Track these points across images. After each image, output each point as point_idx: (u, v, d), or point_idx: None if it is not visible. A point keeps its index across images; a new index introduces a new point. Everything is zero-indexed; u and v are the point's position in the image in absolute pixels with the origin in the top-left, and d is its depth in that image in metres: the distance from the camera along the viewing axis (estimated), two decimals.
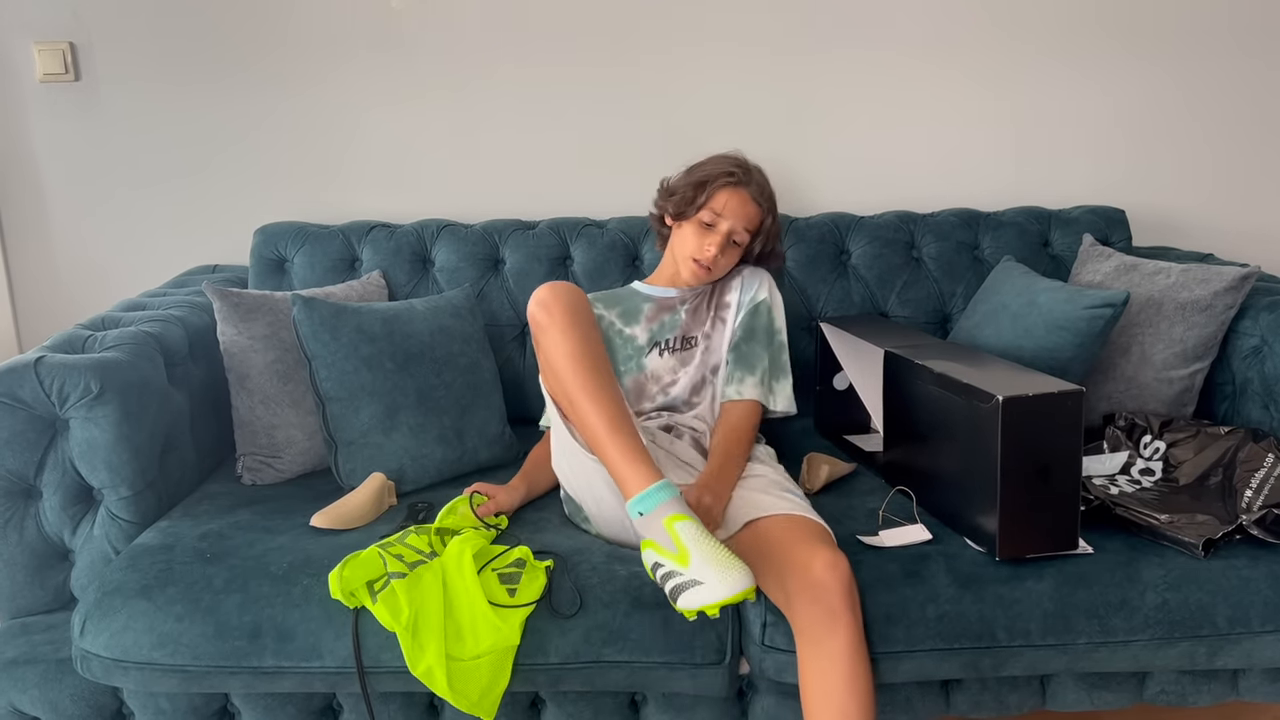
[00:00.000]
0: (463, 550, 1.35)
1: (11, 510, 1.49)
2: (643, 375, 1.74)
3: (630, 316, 1.79)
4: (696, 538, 1.22)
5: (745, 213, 1.73)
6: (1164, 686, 1.49)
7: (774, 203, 1.79)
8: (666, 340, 1.76)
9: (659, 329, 1.77)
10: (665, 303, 1.80)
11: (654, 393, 1.73)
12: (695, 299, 1.79)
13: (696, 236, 1.73)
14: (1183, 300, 1.78)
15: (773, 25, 2.17)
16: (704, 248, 1.71)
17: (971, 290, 2.04)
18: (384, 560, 1.35)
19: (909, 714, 1.47)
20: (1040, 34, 2.20)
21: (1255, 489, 1.54)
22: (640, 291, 1.83)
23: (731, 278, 1.81)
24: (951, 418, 1.45)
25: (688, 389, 1.73)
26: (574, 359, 1.36)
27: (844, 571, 1.28)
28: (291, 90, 2.16)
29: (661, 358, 1.74)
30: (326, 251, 2.01)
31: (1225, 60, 2.22)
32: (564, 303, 1.39)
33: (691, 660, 1.35)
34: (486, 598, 1.31)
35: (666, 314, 1.78)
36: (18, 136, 2.15)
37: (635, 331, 1.77)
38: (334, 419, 1.67)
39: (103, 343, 1.59)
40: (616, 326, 1.78)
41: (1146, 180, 2.28)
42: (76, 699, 1.43)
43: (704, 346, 1.75)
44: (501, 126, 2.19)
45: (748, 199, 1.74)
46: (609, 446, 1.32)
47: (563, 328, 1.37)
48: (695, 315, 1.78)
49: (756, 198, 1.74)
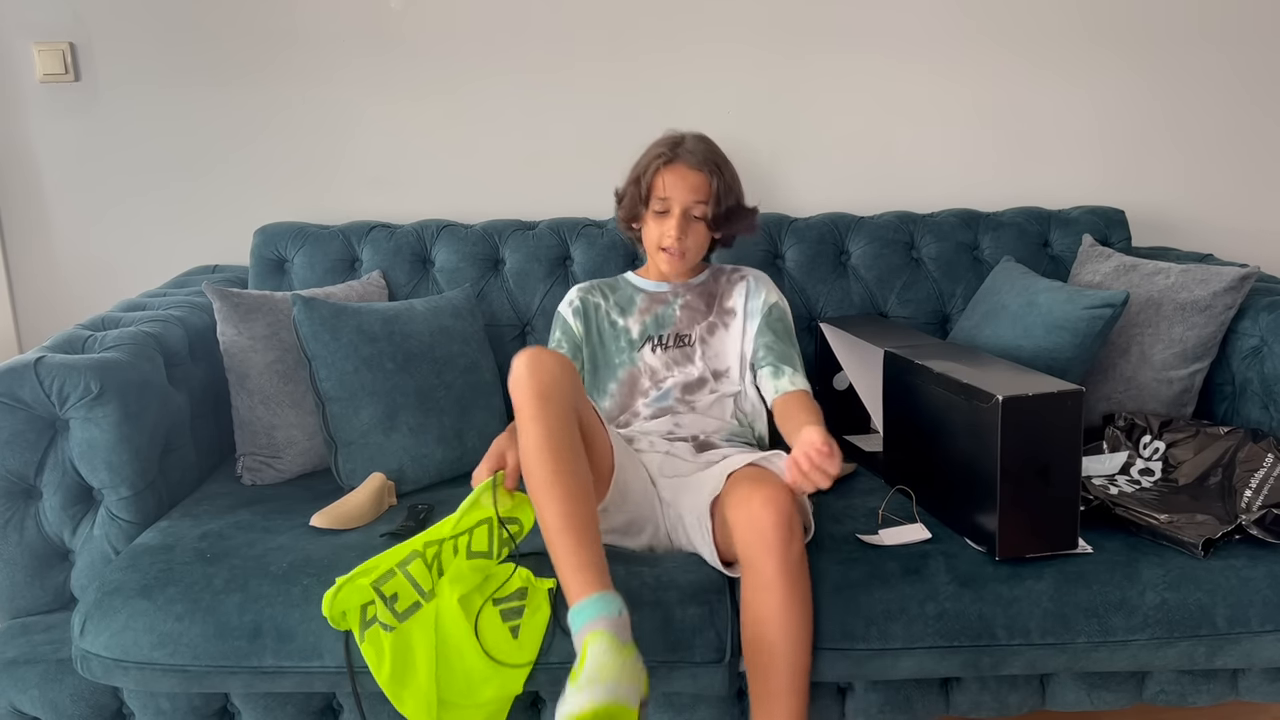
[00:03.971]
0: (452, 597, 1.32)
1: (11, 510, 1.49)
2: (635, 369, 1.75)
3: (625, 307, 1.80)
4: (599, 654, 1.17)
5: (688, 185, 1.70)
6: (1163, 686, 1.49)
7: (718, 162, 1.73)
8: (660, 336, 1.77)
9: (652, 323, 1.78)
10: (658, 297, 1.80)
11: (646, 387, 1.74)
12: (690, 296, 1.80)
13: (656, 227, 1.73)
14: (1182, 300, 1.78)
15: (773, 25, 2.17)
16: (664, 235, 1.71)
17: (971, 290, 2.04)
18: (378, 601, 1.31)
19: (908, 713, 1.47)
20: (1041, 34, 2.20)
21: (1255, 489, 1.54)
22: (634, 284, 1.84)
23: (734, 284, 1.81)
24: (951, 418, 1.45)
25: (679, 387, 1.72)
26: (539, 449, 1.31)
27: (780, 505, 1.29)
28: (291, 90, 2.16)
29: (654, 353, 1.75)
30: (326, 252, 2.02)
31: (1225, 60, 2.22)
32: (536, 385, 1.34)
33: (691, 659, 1.35)
34: (486, 650, 1.30)
35: (660, 307, 1.79)
36: (18, 137, 2.15)
37: (629, 323, 1.78)
38: (334, 419, 1.67)
39: (103, 343, 1.59)
40: (611, 317, 1.79)
41: (1146, 180, 2.28)
42: (76, 699, 1.43)
43: (701, 350, 1.75)
44: (501, 126, 2.19)
45: (685, 171, 1.70)
46: (557, 546, 1.28)
47: (531, 414, 1.33)
48: (690, 315, 1.78)
49: (695, 166, 1.70)
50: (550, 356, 1.38)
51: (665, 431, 1.69)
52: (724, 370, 1.75)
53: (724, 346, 1.77)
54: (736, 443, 1.69)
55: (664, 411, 1.72)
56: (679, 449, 1.64)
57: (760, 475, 1.39)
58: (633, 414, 1.74)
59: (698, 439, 1.67)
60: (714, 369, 1.75)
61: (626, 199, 1.77)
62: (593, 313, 1.80)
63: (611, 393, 1.75)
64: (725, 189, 1.71)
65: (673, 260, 1.73)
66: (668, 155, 1.71)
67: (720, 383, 1.74)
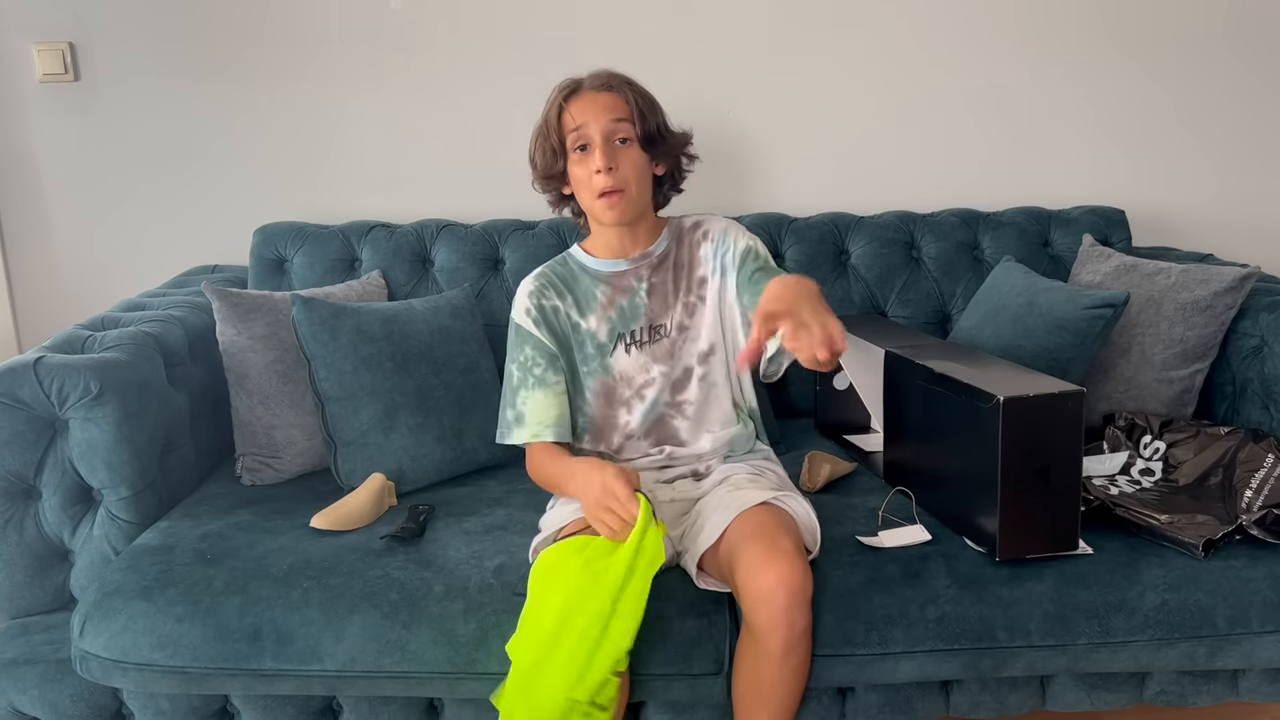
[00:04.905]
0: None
1: (11, 510, 1.49)
2: (610, 378, 1.52)
3: (585, 304, 1.53)
4: None
5: (600, 105, 1.45)
6: (1164, 687, 1.49)
7: (625, 80, 1.49)
8: (631, 333, 1.52)
9: (619, 318, 1.52)
10: (618, 282, 1.53)
11: (627, 397, 1.52)
12: (655, 276, 1.54)
13: (582, 169, 1.46)
14: (1183, 300, 1.78)
15: (772, 25, 2.17)
16: (592, 173, 1.44)
17: (971, 290, 2.04)
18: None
19: (909, 714, 1.47)
20: (1041, 34, 2.19)
21: (1255, 489, 1.54)
22: (588, 267, 1.55)
23: (698, 245, 1.54)
24: (951, 418, 1.45)
25: (667, 388, 1.52)
26: None
27: (793, 585, 1.24)
28: (291, 90, 2.16)
29: (629, 355, 1.52)
30: (326, 251, 2.01)
31: (1225, 60, 2.22)
32: None
33: (689, 671, 1.35)
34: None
35: (624, 298, 1.53)
36: (18, 137, 2.15)
37: (593, 324, 1.52)
38: (333, 419, 1.66)
39: (102, 343, 1.59)
40: (572, 319, 1.53)
41: (1146, 180, 2.27)
42: (76, 699, 1.43)
43: (679, 337, 1.52)
44: (502, 126, 2.19)
45: (593, 95, 1.46)
46: None
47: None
48: (660, 298, 1.53)
49: (602, 86, 1.47)
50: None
51: (659, 466, 1.53)
52: (709, 350, 1.53)
53: (705, 325, 1.53)
54: (738, 454, 1.57)
55: (654, 429, 1.54)
56: (680, 489, 1.52)
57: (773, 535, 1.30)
58: (623, 434, 1.54)
59: (697, 472, 1.54)
60: (700, 352, 1.53)
61: (538, 156, 1.51)
62: (553, 318, 1.52)
63: (586, 408, 1.54)
64: (646, 105, 1.48)
65: (614, 203, 1.44)
66: (571, 86, 1.49)
67: (709, 364, 1.53)
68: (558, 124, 1.47)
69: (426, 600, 1.36)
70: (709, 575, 1.39)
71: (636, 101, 1.46)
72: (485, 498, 1.66)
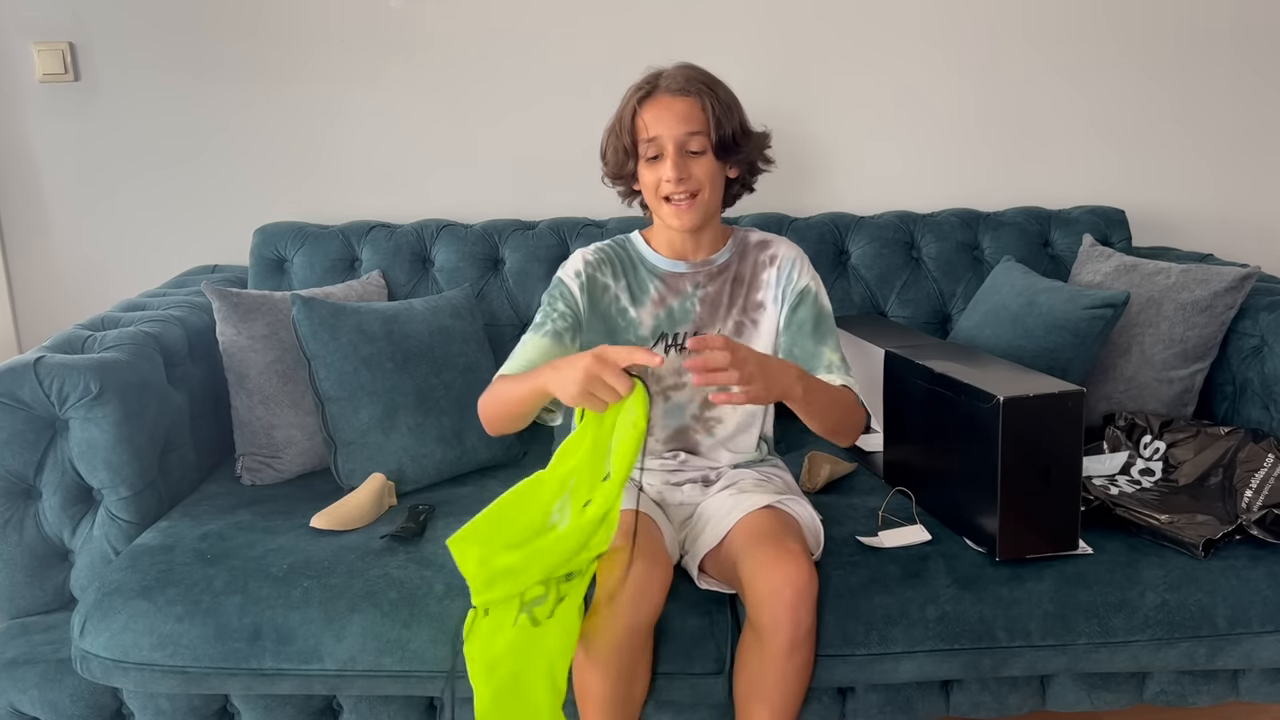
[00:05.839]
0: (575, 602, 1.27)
1: (11, 510, 1.49)
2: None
3: (637, 294, 1.51)
4: None
5: (675, 113, 1.41)
6: (1164, 687, 1.49)
7: (706, 82, 1.44)
8: (675, 335, 1.50)
9: (667, 318, 1.50)
10: (674, 283, 1.51)
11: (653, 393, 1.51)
12: (712, 285, 1.51)
13: (651, 174, 1.44)
14: (1183, 300, 1.78)
15: (774, 26, 2.17)
16: (662, 181, 1.42)
17: (971, 290, 2.04)
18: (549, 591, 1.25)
19: (909, 714, 1.47)
20: (1041, 34, 2.19)
21: (1255, 489, 1.54)
22: (646, 259, 1.53)
23: (763, 267, 1.52)
24: (951, 418, 1.45)
25: (697, 399, 1.50)
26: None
27: (799, 585, 1.26)
28: (291, 91, 2.16)
29: (667, 355, 1.50)
30: (326, 251, 2.01)
31: (1225, 60, 2.22)
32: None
33: (690, 670, 1.35)
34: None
35: (676, 299, 1.50)
36: (17, 136, 2.15)
37: (641, 315, 1.50)
38: (333, 419, 1.66)
39: (102, 343, 1.59)
40: (621, 304, 1.50)
41: (1146, 180, 2.27)
42: (76, 699, 1.43)
43: None
44: (502, 126, 2.19)
45: (669, 100, 1.41)
46: None
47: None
48: (712, 309, 1.50)
49: (679, 91, 1.41)
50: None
51: (670, 470, 1.52)
52: None
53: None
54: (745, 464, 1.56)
55: (674, 436, 1.53)
56: (689, 493, 1.51)
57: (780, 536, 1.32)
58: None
59: (707, 478, 1.52)
60: None
61: (610, 154, 1.49)
62: (600, 295, 1.50)
63: None
64: (723, 110, 1.42)
65: (682, 211, 1.43)
66: (647, 88, 1.44)
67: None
68: (631, 126, 1.44)
69: (427, 600, 1.36)
70: (710, 576, 1.40)
71: (713, 107, 1.41)
72: (485, 497, 1.63)
